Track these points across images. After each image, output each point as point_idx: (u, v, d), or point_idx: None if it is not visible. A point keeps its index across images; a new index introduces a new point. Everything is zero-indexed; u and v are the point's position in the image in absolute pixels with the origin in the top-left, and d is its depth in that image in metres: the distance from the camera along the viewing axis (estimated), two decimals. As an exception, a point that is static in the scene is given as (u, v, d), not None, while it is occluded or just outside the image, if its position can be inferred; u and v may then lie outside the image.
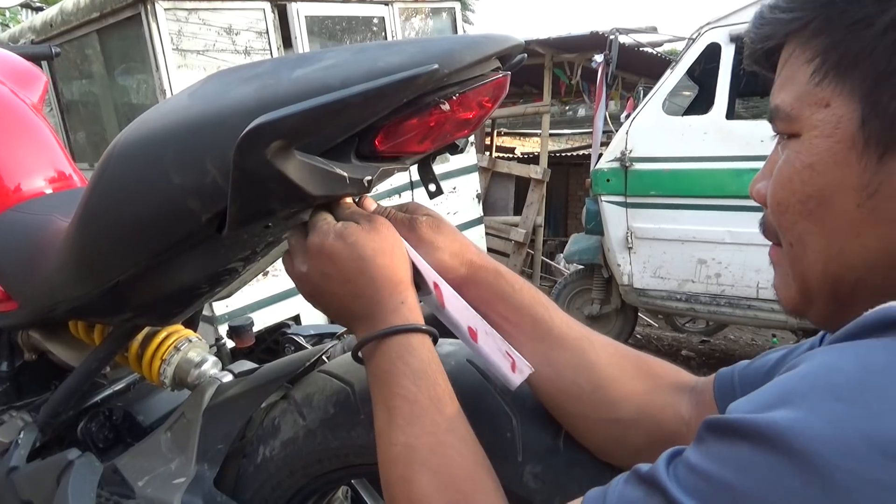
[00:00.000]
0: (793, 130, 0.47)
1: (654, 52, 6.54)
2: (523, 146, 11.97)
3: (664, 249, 3.90)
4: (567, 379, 0.67)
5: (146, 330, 1.02)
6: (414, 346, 0.61)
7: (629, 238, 3.96)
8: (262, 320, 2.57)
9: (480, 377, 0.73)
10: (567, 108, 11.37)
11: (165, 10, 3.00)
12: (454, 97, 0.65)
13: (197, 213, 0.66)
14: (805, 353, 0.58)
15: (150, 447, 0.96)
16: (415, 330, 0.62)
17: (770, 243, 0.54)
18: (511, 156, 10.57)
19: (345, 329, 1.23)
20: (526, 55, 0.77)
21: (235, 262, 0.79)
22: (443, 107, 0.64)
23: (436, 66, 0.58)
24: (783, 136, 0.49)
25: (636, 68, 6.85)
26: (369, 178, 0.64)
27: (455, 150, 0.78)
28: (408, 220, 0.71)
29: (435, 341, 0.65)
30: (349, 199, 0.70)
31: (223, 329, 2.95)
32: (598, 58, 4.85)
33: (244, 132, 0.55)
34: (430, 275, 0.68)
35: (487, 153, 8.33)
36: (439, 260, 0.69)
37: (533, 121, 10.35)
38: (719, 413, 0.62)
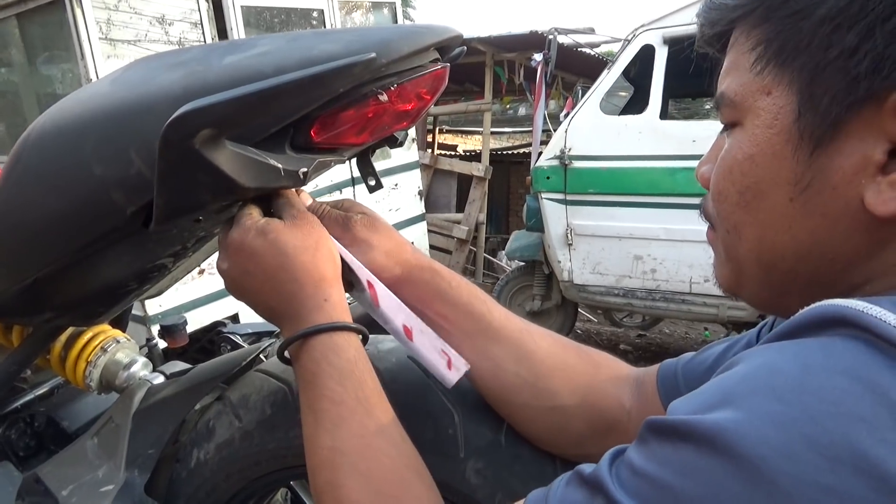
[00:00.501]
0: (736, 118, 0.47)
1: (592, 53, 6.67)
2: (465, 144, 12.02)
3: (602, 246, 3.98)
4: (508, 371, 0.67)
5: (70, 330, 0.97)
6: (339, 346, 0.59)
7: (569, 235, 4.02)
8: (199, 320, 2.49)
9: (422, 374, 0.72)
10: (508, 106, 11.49)
11: (92, -3, 2.87)
12: (392, 88, 0.63)
13: (121, 206, 0.62)
14: (744, 349, 0.60)
15: (75, 454, 0.91)
16: (340, 328, 0.60)
17: (707, 225, 0.54)
18: (453, 153, 10.60)
19: (283, 327, 1.20)
20: (465, 48, 0.76)
21: (165, 257, 0.76)
22: (381, 97, 0.63)
23: (373, 54, 0.56)
24: (728, 124, 0.49)
25: (575, 68, 6.97)
26: (305, 169, 0.62)
27: (394, 143, 0.76)
28: (342, 218, 0.69)
29: (365, 340, 0.63)
30: (284, 195, 0.67)
31: (156, 329, 2.85)
32: (538, 57, 4.90)
33: (170, 120, 0.52)
34: (363, 273, 0.66)
35: (429, 150, 8.32)
36: (373, 259, 0.68)
37: (474, 119, 10.41)
38: (662, 405, 0.63)
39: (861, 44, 0.39)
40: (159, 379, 0.95)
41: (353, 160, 0.75)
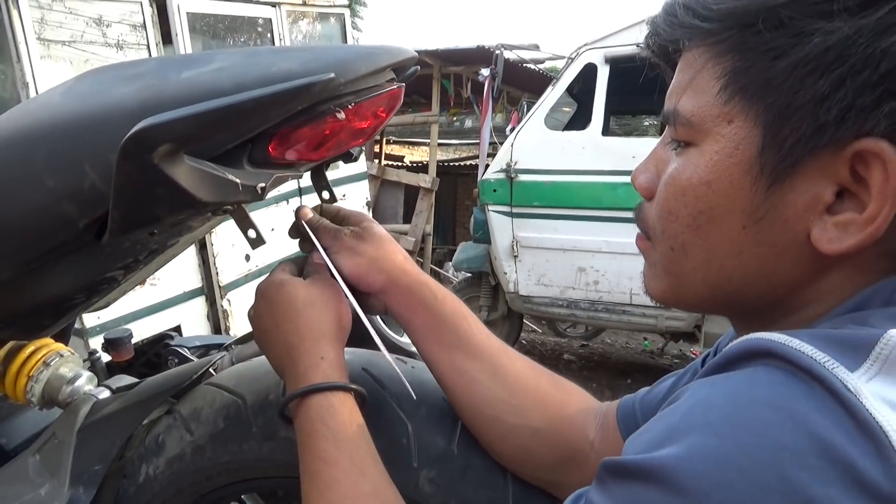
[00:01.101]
0: (691, 138, 0.47)
1: (537, 69, 6.81)
2: (412, 155, 12.04)
3: (547, 258, 4.06)
4: (483, 384, 0.69)
5: (10, 344, 0.94)
6: (334, 407, 0.60)
7: (515, 247, 4.09)
8: (140, 332, 2.42)
9: (376, 385, 0.73)
10: (455, 118, 11.58)
11: (28, -4, 2.77)
12: (349, 106, 0.65)
13: (73, 219, 0.61)
14: (690, 380, 0.63)
15: (15, 472, 0.87)
16: (334, 388, 0.61)
17: (639, 233, 0.56)
18: (400, 164, 10.61)
19: (233, 340, 1.19)
20: (419, 67, 0.78)
21: (115, 270, 0.75)
22: (338, 115, 0.64)
23: (332, 74, 0.58)
24: (679, 141, 0.49)
25: (520, 83, 7.10)
26: (262, 184, 0.63)
27: (349, 158, 0.77)
28: (333, 230, 0.73)
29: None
30: (313, 261, 0.72)
31: (95, 342, 2.75)
32: (485, 71, 4.98)
33: (130, 134, 0.52)
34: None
35: (377, 161, 8.31)
36: (357, 264, 0.71)
37: (422, 130, 10.44)
38: (622, 438, 0.66)
39: (832, 92, 0.40)
40: (105, 393, 0.92)
41: (307, 174, 0.76)
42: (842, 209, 0.42)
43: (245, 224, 0.71)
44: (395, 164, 10.14)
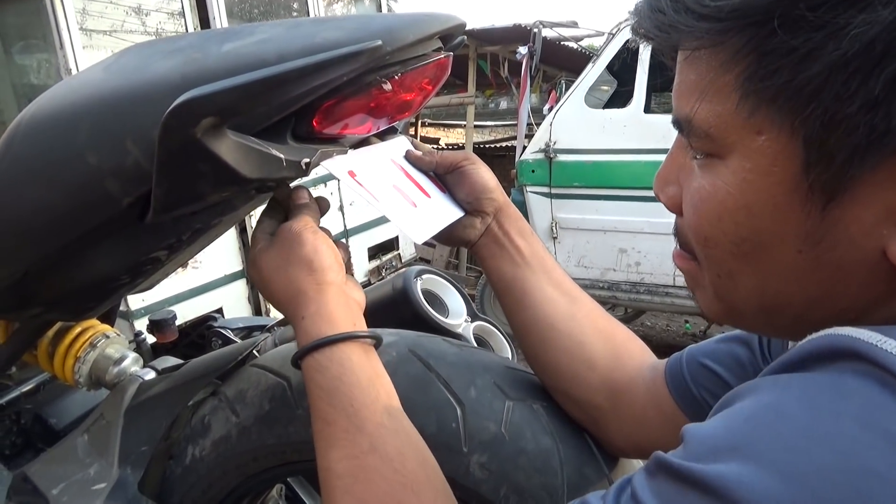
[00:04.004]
0: (713, 151, 0.41)
1: (575, 47, 6.68)
2: (448, 137, 11.99)
3: (587, 239, 3.99)
4: (561, 304, 0.73)
5: (58, 325, 0.95)
6: (322, 364, 0.58)
7: (554, 228, 4.03)
8: (183, 314, 2.45)
9: (423, 367, 0.71)
10: (490, 99, 11.48)
11: (70, -15, 2.81)
12: (396, 77, 0.62)
13: (117, 197, 0.60)
14: (748, 356, 0.60)
15: (64, 452, 0.89)
16: (316, 346, 0.59)
17: (679, 247, 0.49)
18: (436, 146, 10.57)
19: (275, 322, 1.19)
20: (465, 37, 0.75)
21: (159, 250, 0.74)
22: (384, 87, 0.62)
23: (379, 42, 0.55)
24: (699, 151, 0.42)
25: (557, 61, 6.97)
26: (307, 160, 0.61)
27: (394, 133, 0.75)
28: (436, 152, 0.79)
29: (378, 342, 0.62)
30: (265, 217, 0.69)
31: (140, 324, 2.81)
32: (523, 50, 4.89)
33: (171, 108, 0.51)
34: (341, 166, 0.66)
35: (402, 135, 8.27)
36: (476, 182, 0.75)
37: (456, 112, 10.38)
38: (669, 392, 0.64)
39: (889, 93, 0.33)
40: (151, 375, 0.93)
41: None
42: None
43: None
44: (430, 146, 10.10)
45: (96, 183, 0.60)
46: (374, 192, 0.67)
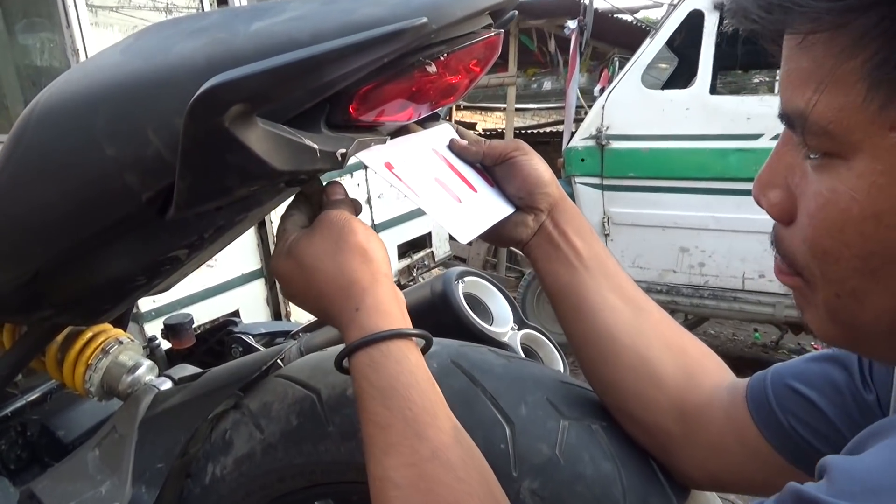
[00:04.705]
0: (832, 150, 0.39)
1: (631, 19, 6.62)
2: (485, 122, 11.98)
3: (643, 236, 3.96)
4: (625, 314, 0.72)
5: (67, 330, 0.97)
6: (376, 361, 0.58)
7: (606, 224, 4.00)
8: (197, 317, 2.49)
9: (468, 381, 0.71)
10: (533, 80, 11.43)
11: (75, -41, 2.87)
12: (441, 57, 0.62)
13: (136, 191, 0.62)
14: (857, 384, 0.58)
15: (74, 468, 0.91)
16: (372, 341, 0.59)
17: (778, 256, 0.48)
18: (473, 132, 10.56)
19: (300, 327, 1.20)
20: (517, 12, 0.75)
21: (179, 249, 0.75)
22: (428, 69, 0.62)
23: (424, 19, 0.55)
24: (816, 150, 0.41)
25: (610, 37, 6.92)
26: (343, 150, 0.61)
27: (436, 119, 0.76)
28: (484, 143, 0.79)
29: (428, 345, 0.62)
30: (302, 197, 0.70)
31: (151, 328, 2.87)
32: (571, 24, 4.86)
33: (198, 94, 0.52)
34: (378, 157, 0.67)
35: (444, 121, 8.30)
36: (529, 176, 0.74)
37: (495, 94, 10.36)
38: (750, 415, 0.64)
39: None
40: (167, 384, 0.95)
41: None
42: None
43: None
44: (474, 134, 10.10)
45: (114, 176, 0.61)
46: (414, 186, 0.67)
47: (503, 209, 0.74)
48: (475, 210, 0.71)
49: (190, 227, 0.72)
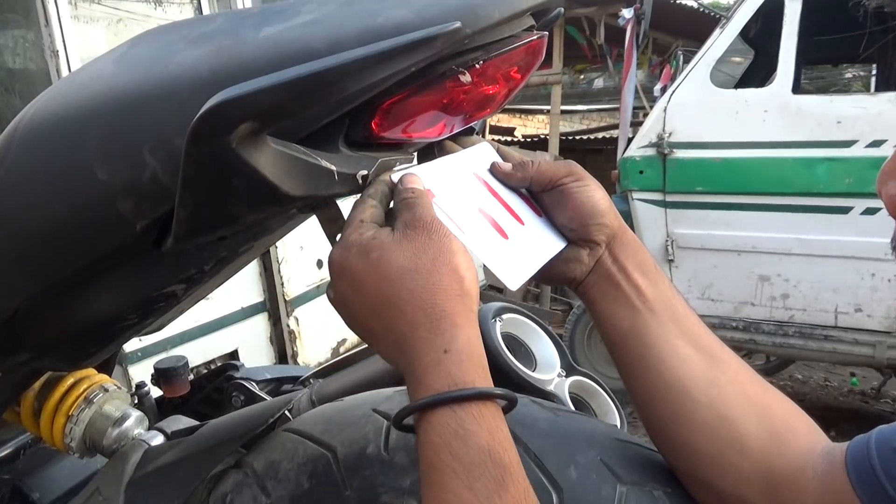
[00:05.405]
0: None
1: (696, 6, 6.62)
2: (525, 127, 12.02)
3: (715, 263, 3.93)
4: (698, 365, 0.72)
5: (46, 376, 1.00)
6: (466, 428, 0.55)
7: (669, 248, 3.98)
8: (190, 359, 2.52)
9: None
10: (581, 77, 11.45)
11: (52, -54, 2.96)
12: (477, 65, 0.64)
13: (129, 220, 0.64)
14: None
15: (52, 535, 0.93)
16: (467, 398, 0.56)
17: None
18: (511, 138, 10.61)
19: (311, 372, 1.22)
20: (562, 10, 0.77)
21: (175, 284, 0.78)
22: (462, 78, 0.64)
23: (458, 24, 0.57)
24: None
25: (673, 26, 6.93)
26: (364, 172, 0.63)
27: (471, 134, 0.77)
28: (531, 163, 0.76)
29: (511, 406, 0.60)
30: (405, 185, 0.65)
31: (136, 370, 2.90)
32: (627, 13, 4.88)
33: (202, 112, 0.54)
34: (419, 177, 0.66)
35: (479, 136, 8.34)
36: (583, 205, 0.74)
37: (536, 94, 10.40)
38: (850, 482, 0.63)
39: None
40: (159, 439, 0.97)
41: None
42: None
43: (334, 226, 0.69)
44: (503, 138, 10.14)
45: (106, 202, 0.64)
46: (459, 221, 0.65)
47: (554, 244, 0.75)
48: (524, 248, 0.71)
49: (189, 259, 0.74)
